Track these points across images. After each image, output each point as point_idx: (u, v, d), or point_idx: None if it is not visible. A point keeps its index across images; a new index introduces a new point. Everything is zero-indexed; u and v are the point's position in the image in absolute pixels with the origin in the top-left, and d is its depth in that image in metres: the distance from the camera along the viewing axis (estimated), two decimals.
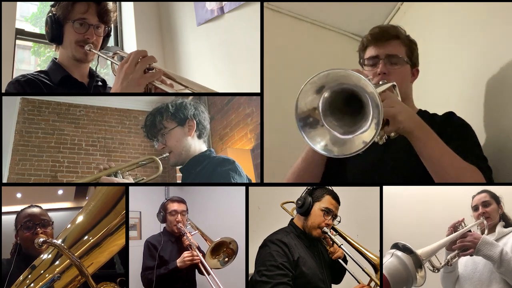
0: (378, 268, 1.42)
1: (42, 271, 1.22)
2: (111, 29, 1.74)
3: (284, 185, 1.70)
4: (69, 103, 3.86)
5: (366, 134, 1.16)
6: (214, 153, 1.73)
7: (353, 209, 1.69)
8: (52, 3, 1.66)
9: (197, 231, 1.83)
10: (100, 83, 1.79)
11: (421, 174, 1.39)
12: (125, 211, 1.36)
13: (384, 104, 1.15)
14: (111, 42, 3.19)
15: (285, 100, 1.67)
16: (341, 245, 1.51)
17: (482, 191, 1.62)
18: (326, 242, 1.57)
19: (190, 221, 1.90)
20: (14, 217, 1.66)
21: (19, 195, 2.26)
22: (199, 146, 1.73)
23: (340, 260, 1.53)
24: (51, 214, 1.69)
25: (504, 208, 1.62)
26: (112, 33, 2.92)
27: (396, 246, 1.36)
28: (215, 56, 2.98)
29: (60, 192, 2.62)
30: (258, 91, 1.87)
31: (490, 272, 1.49)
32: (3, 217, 1.66)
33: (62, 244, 1.22)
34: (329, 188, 1.55)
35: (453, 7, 1.97)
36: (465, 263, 1.58)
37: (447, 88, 2.00)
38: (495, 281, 1.48)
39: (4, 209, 1.66)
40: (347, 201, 1.57)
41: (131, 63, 1.42)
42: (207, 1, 2.93)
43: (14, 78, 1.64)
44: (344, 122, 1.22)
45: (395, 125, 1.28)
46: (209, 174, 1.59)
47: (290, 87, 1.40)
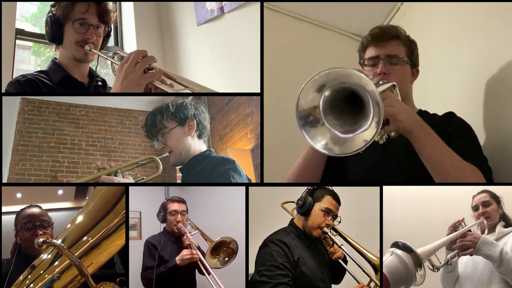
0: (378, 269, 1.42)
1: (42, 271, 1.22)
2: (111, 29, 1.74)
3: (284, 185, 1.70)
4: (69, 103, 3.85)
5: (367, 133, 1.16)
6: (214, 153, 1.73)
7: (353, 209, 1.69)
8: (52, 3, 1.66)
9: (197, 231, 1.83)
10: (100, 83, 1.79)
11: (421, 174, 1.39)
12: (125, 211, 1.36)
13: (384, 104, 1.15)
14: (111, 42, 3.19)
15: (285, 100, 1.67)
16: (341, 246, 1.51)
17: (482, 191, 1.62)
18: (326, 242, 1.57)
19: (190, 221, 1.90)
20: (14, 217, 1.66)
21: (19, 195, 2.26)
22: (199, 146, 1.73)
23: (340, 261, 1.53)
24: (51, 214, 1.69)
25: (504, 208, 1.62)
26: (112, 33, 2.92)
27: (396, 245, 1.36)
28: (215, 56, 2.98)
29: (60, 192, 2.62)
30: (258, 91, 1.87)
31: (490, 272, 1.49)
32: (3, 217, 1.65)
33: (62, 244, 1.22)
34: (330, 188, 1.55)
35: (453, 7, 1.97)
36: (465, 263, 1.58)
37: (447, 88, 2.00)
38: (495, 281, 1.48)
39: (4, 209, 1.66)
40: (347, 201, 1.57)
41: (131, 63, 1.42)
42: (207, 1, 2.93)
43: (14, 78, 1.64)
44: (345, 121, 1.22)
45: (395, 125, 1.28)
46: (209, 174, 1.59)
47: (290, 87, 1.40)
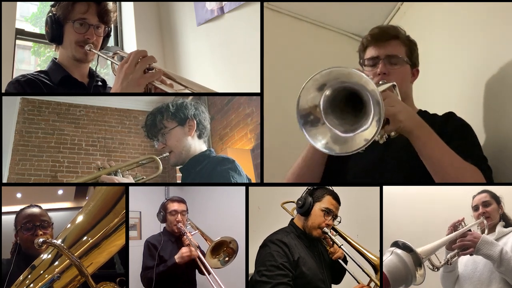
0: (378, 269, 1.42)
1: (42, 271, 1.22)
2: (111, 29, 1.74)
3: (284, 185, 1.70)
4: (69, 103, 3.85)
5: (367, 132, 1.16)
6: (214, 153, 1.73)
7: (353, 209, 1.69)
8: (52, 3, 1.65)
9: (197, 231, 1.83)
10: (100, 83, 1.79)
11: (421, 174, 1.39)
12: (125, 211, 1.36)
13: (385, 103, 1.15)
14: (111, 42, 3.19)
15: (285, 100, 1.67)
16: (341, 246, 1.51)
17: (483, 191, 1.62)
18: (326, 242, 1.57)
19: (190, 221, 1.89)
20: (14, 217, 1.66)
21: (19, 195, 2.26)
22: (199, 146, 1.73)
23: (340, 261, 1.53)
24: (51, 214, 1.69)
25: (504, 208, 1.62)
26: (112, 33, 2.92)
27: (396, 244, 1.36)
28: (215, 56, 2.97)
29: (60, 192, 2.62)
30: (258, 91, 1.87)
31: (490, 272, 1.49)
32: (3, 217, 1.65)
33: (62, 244, 1.22)
34: (330, 188, 1.55)
35: (453, 7, 1.97)
36: (465, 263, 1.58)
37: (447, 88, 2.00)
38: (495, 281, 1.48)
39: (4, 209, 1.66)
40: (347, 201, 1.57)
41: (131, 63, 1.42)
42: (207, 1, 2.93)
43: (14, 78, 1.64)
44: (345, 121, 1.22)
45: (395, 124, 1.28)
46: (209, 173, 1.59)
47: (290, 87, 1.40)
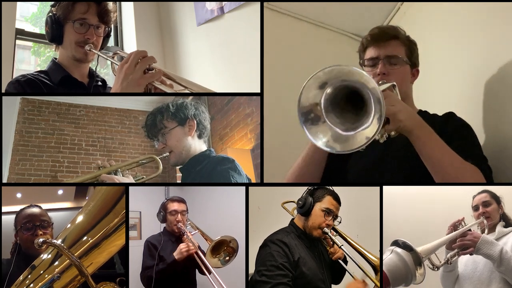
0: (378, 269, 1.42)
1: (42, 271, 1.22)
2: (111, 29, 1.74)
3: (284, 185, 1.70)
4: (69, 103, 3.85)
5: (369, 130, 1.16)
6: (214, 153, 1.73)
7: (353, 209, 1.69)
8: (52, 3, 1.65)
9: (197, 231, 1.83)
10: (100, 83, 1.79)
11: (422, 174, 1.39)
12: (125, 211, 1.36)
13: (385, 103, 1.15)
14: (111, 42, 3.19)
15: (285, 100, 1.68)
16: (342, 246, 1.51)
17: (483, 191, 1.62)
18: (327, 243, 1.57)
19: (190, 221, 1.89)
20: (14, 217, 1.66)
21: (19, 195, 2.26)
22: (199, 146, 1.73)
23: (340, 261, 1.53)
24: (51, 214, 1.69)
25: (504, 208, 1.62)
26: (112, 33, 2.92)
27: (396, 243, 1.36)
28: (215, 56, 2.97)
29: (60, 192, 2.62)
30: (258, 91, 1.87)
31: (490, 272, 1.49)
32: (3, 217, 1.65)
33: (62, 244, 1.22)
34: (330, 189, 1.55)
35: (453, 7, 1.97)
36: (465, 263, 1.58)
37: (447, 88, 2.00)
38: (495, 281, 1.48)
39: (4, 209, 1.66)
40: (348, 201, 1.57)
41: (131, 64, 1.42)
42: (207, 1, 2.93)
43: (14, 78, 1.64)
44: (346, 119, 1.22)
45: (396, 124, 1.28)
46: (209, 173, 1.59)
47: (290, 87, 1.40)
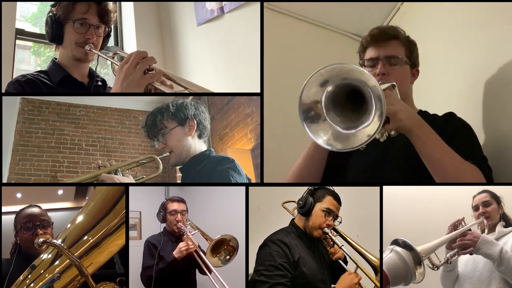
0: (378, 270, 1.42)
1: (42, 271, 1.22)
2: (111, 29, 1.74)
3: (284, 185, 1.70)
4: (69, 103, 3.86)
5: (369, 128, 1.16)
6: (214, 153, 1.73)
7: (354, 209, 1.69)
8: (53, 3, 1.65)
9: (197, 231, 1.83)
10: (100, 83, 1.79)
11: (422, 174, 1.39)
12: (125, 211, 1.36)
13: (385, 102, 1.15)
14: (111, 42, 3.19)
15: (285, 100, 1.67)
16: (342, 246, 1.51)
17: (483, 191, 1.62)
18: (327, 243, 1.56)
19: (190, 221, 1.89)
20: (14, 217, 1.66)
21: (19, 195, 2.26)
22: (199, 146, 1.73)
23: (340, 261, 1.53)
24: (51, 214, 1.69)
25: (505, 208, 1.62)
26: (112, 33, 2.93)
27: (396, 242, 1.36)
28: (215, 56, 2.97)
29: (60, 192, 2.62)
30: (258, 91, 1.87)
31: (490, 272, 1.49)
32: (3, 217, 1.65)
33: (62, 244, 1.22)
34: (330, 189, 1.55)
35: (453, 7, 1.97)
36: (465, 262, 1.58)
37: (447, 88, 2.00)
38: (495, 281, 1.48)
39: (4, 209, 1.66)
40: (348, 201, 1.57)
41: (131, 64, 1.41)
42: (207, 1, 2.93)
43: (14, 78, 1.64)
44: (346, 117, 1.23)
45: (396, 123, 1.28)
46: (209, 173, 1.59)
47: (290, 87, 1.40)
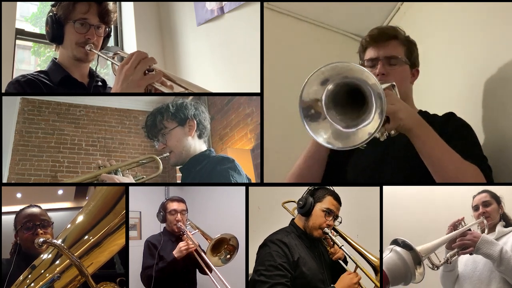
0: (378, 270, 1.42)
1: (42, 271, 1.22)
2: (111, 30, 1.74)
3: (284, 185, 1.70)
4: (69, 103, 3.86)
5: (370, 126, 1.16)
6: (214, 153, 1.73)
7: (354, 209, 1.69)
8: (53, 3, 1.65)
9: (197, 231, 1.83)
10: (100, 83, 1.79)
11: (422, 174, 1.39)
12: (125, 211, 1.36)
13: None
14: (111, 42, 3.19)
15: (285, 100, 1.67)
16: (342, 246, 1.51)
17: (483, 191, 1.62)
18: (327, 243, 1.56)
19: (190, 221, 1.90)
20: (14, 217, 1.66)
21: (19, 195, 2.26)
22: (199, 146, 1.73)
23: (341, 261, 1.53)
24: (51, 214, 1.69)
25: (505, 208, 1.62)
26: (112, 33, 2.92)
27: (396, 242, 1.36)
28: (215, 56, 2.97)
29: (60, 192, 2.62)
30: (258, 91, 1.87)
31: (490, 272, 1.49)
32: (3, 217, 1.65)
33: (62, 244, 1.22)
34: (331, 189, 1.55)
35: (453, 7, 1.97)
36: (465, 262, 1.58)
37: (447, 88, 2.00)
38: (495, 281, 1.48)
39: (4, 209, 1.66)
40: (348, 201, 1.57)
41: (132, 65, 1.41)
42: (207, 1, 2.93)
43: (14, 78, 1.64)
44: (346, 116, 1.23)
45: (396, 122, 1.28)
46: (209, 173, 1.59)
47: (290, 87, 1.40)
